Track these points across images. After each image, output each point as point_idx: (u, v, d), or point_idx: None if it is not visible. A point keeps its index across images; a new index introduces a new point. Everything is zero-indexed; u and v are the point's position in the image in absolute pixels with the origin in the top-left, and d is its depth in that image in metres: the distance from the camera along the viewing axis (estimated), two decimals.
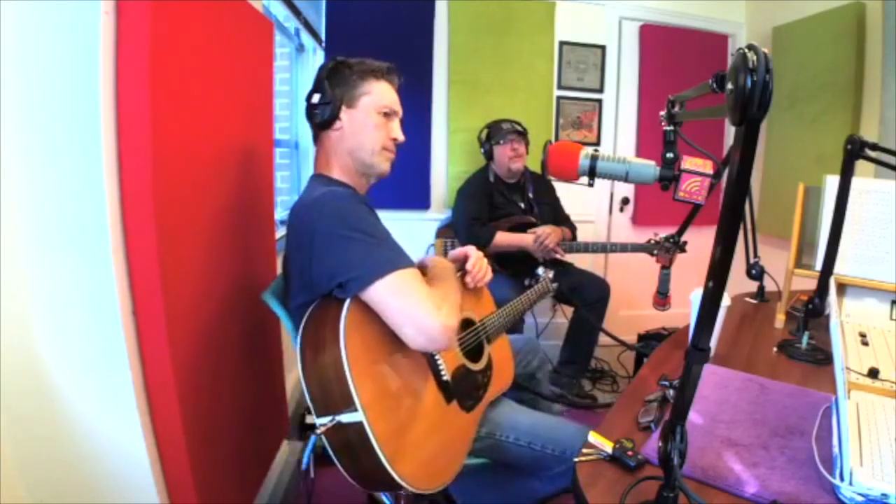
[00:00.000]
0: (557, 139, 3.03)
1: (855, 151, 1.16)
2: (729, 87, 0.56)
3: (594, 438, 0.86)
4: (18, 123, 0.80)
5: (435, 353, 1.04)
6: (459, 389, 1.08)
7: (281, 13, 2.16)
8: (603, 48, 3.04)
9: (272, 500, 1.55)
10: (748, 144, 0.55)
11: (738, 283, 1.35)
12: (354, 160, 1.11)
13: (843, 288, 1.37)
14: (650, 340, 2.43)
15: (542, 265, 1.56)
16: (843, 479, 0.72)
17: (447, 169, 2.89)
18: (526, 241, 2.28)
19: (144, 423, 0.92)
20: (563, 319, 2.70)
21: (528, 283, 2.33)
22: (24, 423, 0.86)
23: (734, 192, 0.58)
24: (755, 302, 1.71)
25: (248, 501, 1.35)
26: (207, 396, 1.10)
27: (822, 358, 1.22)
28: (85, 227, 0.84)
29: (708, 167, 0.85)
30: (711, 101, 0.71)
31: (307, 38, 2.48)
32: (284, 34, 2.28)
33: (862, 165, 1.18)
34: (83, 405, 0.89)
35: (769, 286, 1.73)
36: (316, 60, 2.58)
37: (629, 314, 3.08)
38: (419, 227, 2.75)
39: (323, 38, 2.59)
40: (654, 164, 0.89)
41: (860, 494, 0.70)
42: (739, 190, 0.58)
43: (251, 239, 1.37)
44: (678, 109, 0.93)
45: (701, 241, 1.53)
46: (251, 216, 1.37)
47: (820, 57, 2.61)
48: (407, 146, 1.17)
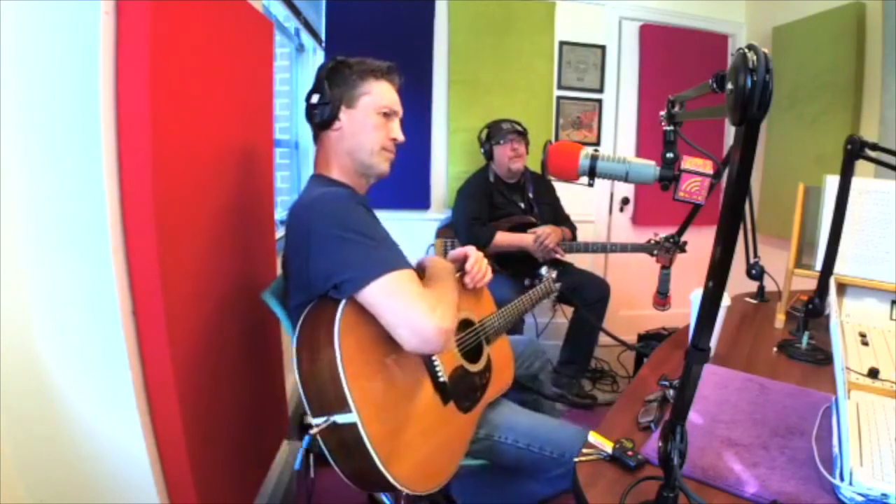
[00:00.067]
0: (557, 139, 3.03)
1: (855, 151, 1.16)
2: (729, 87, 0.56)
3: (594, 438, 0.86)
4: (18, 123, 0.80)
5: (430, 354, 1.03)
6: (457, 391, 1.07)
7: (281, 13, 2.16)
8: (603, 48, 3.04)
9: (272, 500, 1.55)
10: (748, 144, 0.55)
11: (738, 283, 1.35)
12: (353, 160, 1.10)
13: (843, 288, 1.37)
14: (650, 340, 2.42)
15: (545, 265, 1.55)
16: (843, 479, 0.72)
17: (447, 169, 2.89)
18: (526, 241, 2.28)
19: (144, 423, 0.93)
20: (563, 319, 2.70)
21: (527, 283, 2.36)
22: (24, 423, 0.86)
23: (734, 192, 0.58)
24: (755, 302, 1.71)
25: (248, 501, 1.35)
26: (207, 396, 1.10)
27: (822, 358, 1.22)
28: (85, 227, 0.84)
29: (708, 167, 0.85)
30: (711, 101, 0.71)
31: (307, 38, 2.48)
32: (284, 34, 2.28)
33: (862, 165, 1.18)
34: (83, 405, 0.89)
35: (769, 286, 1.73)
36: (316, 60, 2.58)
37: (629, 314, 3.08)
38: (419, 227, 2.75)
39: (323, 38, 2.59)
40: (654, 164, 0.89)
41: (860, 494, 0.70)
42: (739, 190, 0.58)
43: (251, 239, 1.37)
44: (678, 109, 0.93)
45: (701, 241, 1.53)
46: (251, 216, 1.37)
47: (820, 57, 2.61)
48: (407, 146, 1.17)
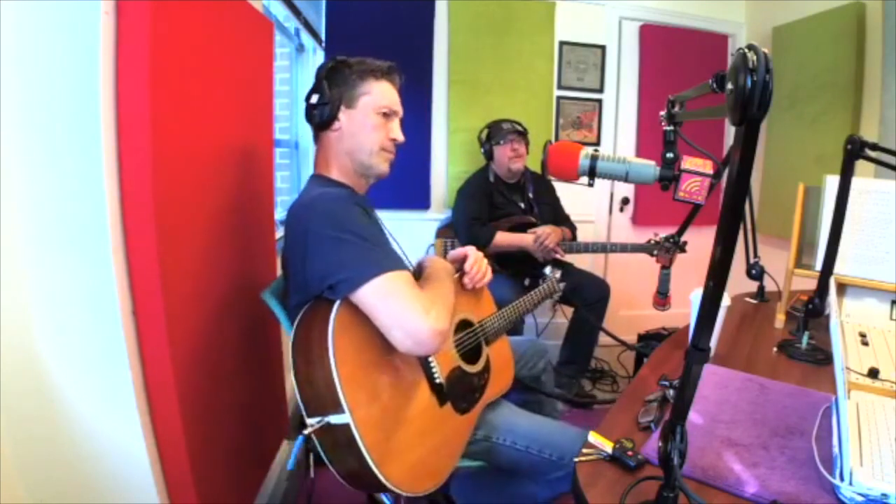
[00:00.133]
0: (557, 139, 3.03)
1: (855, 151, 1.16)
2: (729, 87, 0.56)
3: (594, 438, 0.86)
4: (18, 123, 0.80)
5: (424, 355, 1.02)
6: (454, 392, 1.07)
7: (281, 13, 2.16)
8: (603, 48, 3.04)
9: (272, 500, 1.55)
10: (748, 144, 0.55)
11: (738, 283, 1.35)
12: (353, 161, 1.10)
13: (843, 288, 1.37)
14: (650, 340, 2.43)
15: (549, 265, 1.54)
16: (843, 479, 0.72)
17: (447, 169, 2.89)
18: (526, 241, 2.28)
19: (144, 423, 0.93)
20: (563, 319, 2.70)
21: (528, 283, 2.36)
22: (24, 423, 0.86)
23: (734, 192, 0.58)
24: (755, 302, 1.71)
25: (248, 501, 1.35)
26: (207, 396, 1.10)
27: (822, 358, 1.22)
28: (85, 227, 0.84)
29: (708, 167, 0.85)
30: (711, 101, 0.71)
31: (307, 38, 2.48)
32: (284, 34, 2.28)
33: (862, 165, 1.18)
34: (83, 405, 0.89)
35: (769, 286, 1.73)
36: (316, 60, 2.58)
37: (629, 314, 3.08)
38: (419, 227, 2.75)
39: (323, 38, 2.59)
40: (654, 164, 0.89)
41: (860, 494, 0.70)
42: (739, 190, 0.58)
43: (251, 239, 1.37)
44: (678, 109, 0.93)
45: (701, 241, 1.53)
46: (251, 216, 1.37)
47: (820, 57, 2.61)
48: (407, 146, 1.17)
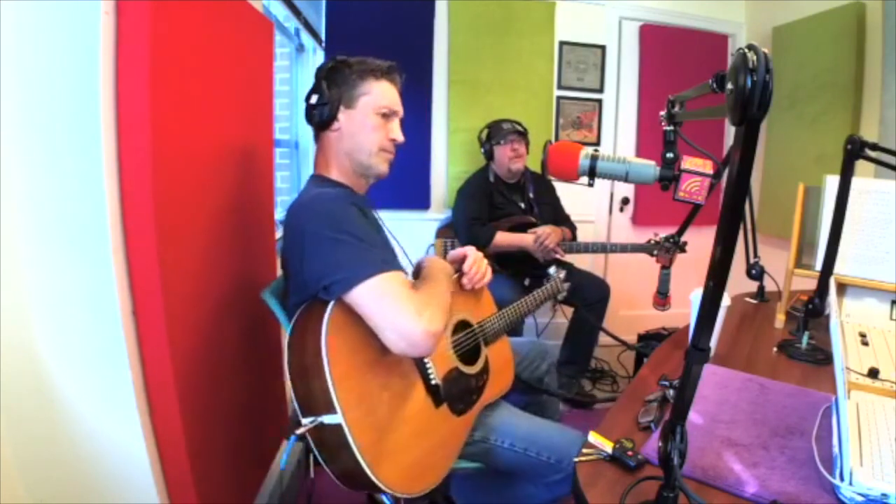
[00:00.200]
0: (557, 139, 3.03)
1: (855, 151, 1.16)
2: (729, 87, 0.56)
3: (594, 438, 0.86)
4: (18, 123, 0.80)
5: (418, 357, 1.01)
6: (450, 393, 1.07)
7: (281, 13, 2.16)
8: (603, 48, 3.04)
9: (272, 500, 1.55)
10: (748, 144, 0.55)
11: (738, 283, 1.35)
12: (352, 161, 1.10)
13: (843, 288, 1.37)
14: (650, 340, 2.43)
15: (553, 265, 1.52)
16: (843, 479, 0.72)
17: (447, 169, 2.89)
18: (526, 241, 2.28)
19: (144, 423, 0.93)
20: (563, 319, 2.70)
21: (528, 283, 2.36)
22: (24, 423, 0.86)
23: (734, 192, 0.58)
24: (755, 302, 1.71)
25: (248, 501, 1.36)
26: (207, 396, 1.10)
27: (822, 358, 1.22)
28: (85, 227, 0.84)
29: (708, 167, 0.85)
30: (711, 101, 0.71)
31: (307, 38, 2.48)
32: (284, 34, 2.28)
33: (862, 165, 1.18)
34: (83, 405, 0.89)
35: (769, 286, 1.73)
36: (316, 60, 2.58)
37: (629, 314, 3.08)
38: (419, 227, 2.75)
39: (323, 38, 2.59)
40: (654, 164, 0.89)
41: (860, 494, 0.70)
42: (739, 190, 0.58)
43: (251, 239, 1.37)
44: (678, 109, 0.93)
45: (701, 241, 1.53)
46: (251, 216, 1.37)
47: (820, 57, 2.61)
48: (407, 146, 1.17)
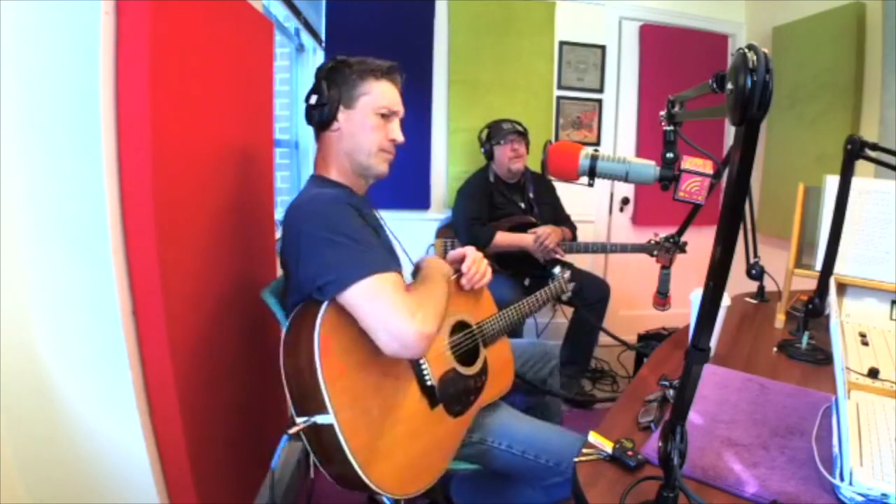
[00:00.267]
0: (557, 139, 3.03)
1: (855, 151, 1.15)
2: (729, 87, 0.56)
3: (594, 438, 0.86)
4: (18, 123, 0.80)
5: (411, 358, 1.00)
6: (447, 394, 1.06)
7: (281, 13, 2.16)
8: (603, 48, 3.04)
9: (272, 499, 1.55)
10: (748, 144, 0.55)
11: (738, 283, 1.35)
12: (351, 161, 1.10)
13: (843, 288, 1.37)
14: (650, 340, 2.43)
15: (558, 265, 1.50)
16: (843, 479, 0.72)
17: (447, 169, 2.89)
18: (526, 241, 2.28)
19: (144, 423, 0.93)
20: (563, 319, 2.70)
21: (528, 283, 2.36)
22: (24, 423, 0.86)
23: (734, 192, 0.58)
24: (755, 302, 1.71)
25: (248, 501, 1.36)
26: (207, 396, 1.10)
27: (822, 358, 1.22)
28: (85, 227, 0.84)
29: (708, 167, 0.85)
30: (711, 101, 0.71)
31: (307, 38, 2.48)
32: (284, 34, 2.29)
33: (862, 165, 1.18)
34: (83, 405, 0.89)
35: (769, 286, 1.73)
36: (316, 60, 2.58)
37: (629, 314, 3.08)
38: (419, 227, 2.75)
39: (323, 38, 2.59)
40: (654, 164, 0.89)
41: (860, 494, 0.70)
42: (739, 190, 0.58)
43: (251, 239, 1.37)
44: (678, 109, 0.93)
45: (701, 241, 1.53)
46: (251, 216, 1.37)
47: (820, 57, 2.61)
48: (407, 146, 1.16)
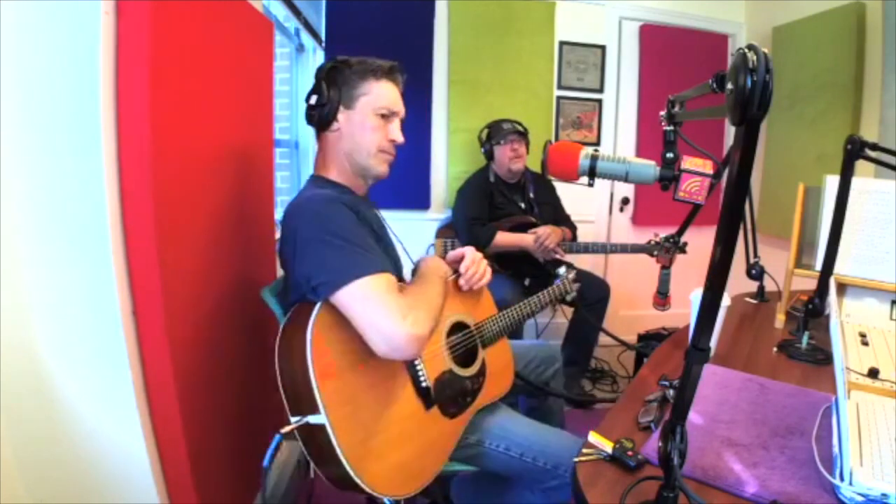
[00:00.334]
0: (557, 139, 3.03)
1: (855, 151, 1.16)
2: (729, 87, 0.56)
3: (594, 438, 0.86)
4: (18, 123, 0.80)
5: (402, 360, 1.00)
6: (443, 396, 1.05)
7: (281, 13, 2.16)
8: (603, 48, 3.04)
9: (272, 500, 1.55)
10: (748, 144, 0.55)
11: (738, 283, 1.35)
12: (351, 162, 1.10)
13: (843, 288, 1.37)
14: (650, 340, 2.43)
15: (564, 265, 1.48)
16: (843, 479, 0.72)
17: (447, 169, 2.89)
18: (526, 241, 2.28)
19: (144, 423, 0.93)
20: (563, 319, 2.70)
21: (528, 283, 2.35)
22: (24, 423, 0.86)
23: (734, 192, 0.58)
24: (755, 302, 1.71)
25: (248, 501, 1.36)
26: (207, 396, 1.10)
27: (822, 358, 1.22)
28: (85, 227, 0.84)
29: (708, 167, 0.85)
30: (711, 101, 0.71)
31: (307, 38, 2.48)
32: (284, 34, 2.29)
33: (862, 165, 1.18)
34: (83, 405, 0.89)
35: (769, 286, 1.73)
36: (316, 60, 2.58)
37: (629, 314, 3.08)
38: (419, 227, 2.75)
39: (323, 38, 2.59)
40: (654, 164, 0.89)
41: (860, 494, 0.70)
42: (739, 190, 0.58)
43: (251, 239, 1.37)
44: (678, 109, 0.93)
45: (701, 241, 1.53)
46: (251, 216, 1.37)
47: (820, 57, 2.61)
48: (407, 146, 1.16)
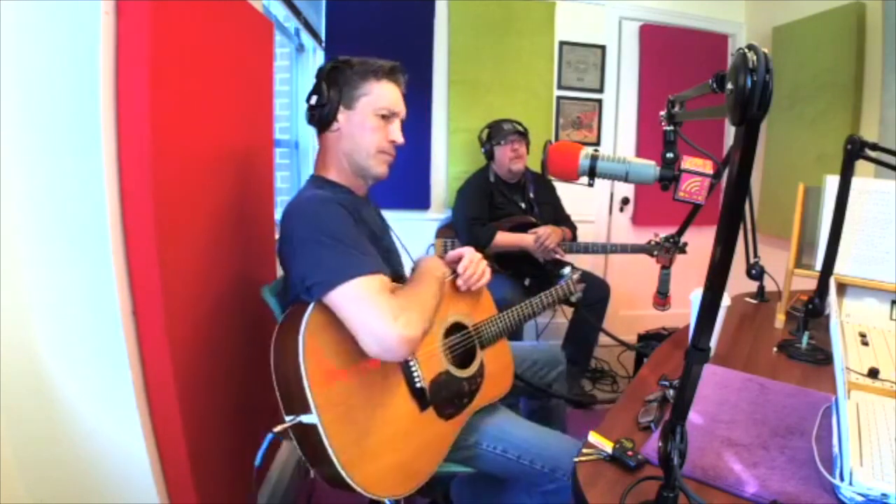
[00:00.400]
0: (557, 139, 3.03)
1: (855, 151, 1.16)
2: (729, 87, 0.56)
3: (594, 438, 0.86)
4: (18, 123, 0.80)
5: (394, 361, 0.99)
6: (438, 397, 1.05)
7: (281, 13, 2.16)
8: (603, 48, 3.04)
9: (272, 499, 1.55)
10: (748, 144, 0.55)
11: (738, 283, 1.35)
12: (350, 162, 1.10)
13: (843, 288, 1.37)
14: (650, 340, 2.42)
15: (569, 265, 1.46)
16: (843, 479, 0.72)
17: (447, 169, 2.89)
18: (526, 241, 2.28)
19: (144, 423, 0.93)
20: (563, 319, 2.70)
21: (528, 283, 2.35)
22: (24, 423, 0.86)
23: (734, 192, 0.58)
24: (755, 302, 1.71)
25: (248, 501, 1.35)
26: (207, 396, 1.10)
27: (822, 358, 1.22)
28: (85, 227, 0.84)
29: (708, 167, 0.85)
30: (711, 101, 0.71)
31: (307, 38, 2.48)
32: (284, 34, 2.28)
33: (862, 165, 1.18)
34: (83, 405, 0.89)
35: (769, 286, 1.73)
36: (316, 60, 2.58)
37: (629, 314, 3.08)
38: (419, 227, 2.75)
39: (323, 38, 2.59)
40: (654, 164, 0.89)
41: (860, 494, 0.70)
42: (739, 190, 0.58)
43: (251, 239, 1.37)
44: (678, 109, 0.93)
45: (701, 241, 1.53)
46: (251, 216, 1.37)
47: (820, 57, 2.61)
48: (407, 146, 1.16)
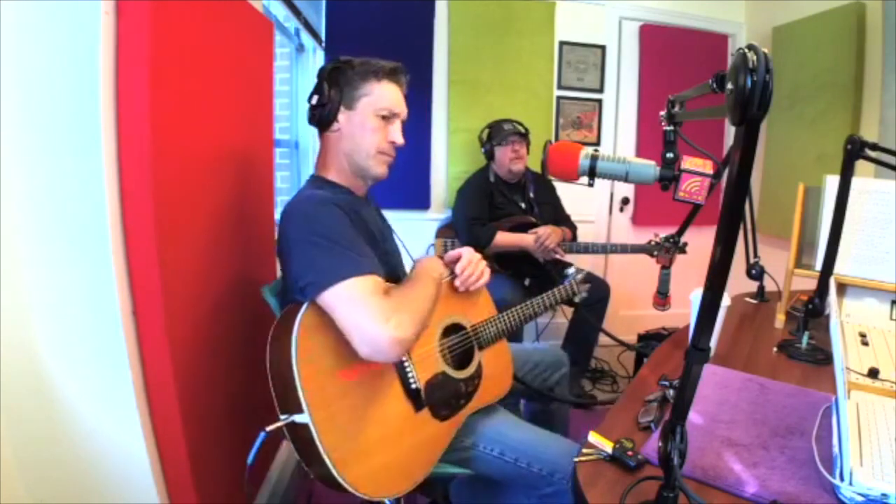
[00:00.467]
0: (557, 139, 3.03)
1: (855, 151, 1.16)
2: (729, 87, 0.56)
3: (594, 438, 0.86)
4: (18, 123, 0.80)
5: (385, 362, 0.98)
6: (434, 398, 1.04)
7: (281, 13, 2.16)
8: (603, 48, 3.04)
9: (272, 499, 1.55)
10: (748, 144, 0.55)
11: (738, 283, 1.35)
12: (350, 162, 1.10)
13: (843, 288, 1.37)
14: (650, 340, 2.42)
15: (571, 265, 1.45)
16: (843, 479, 0.72)
17: (447, 169, 2.89)
18: (526, 241, 2.28)
19: (144, 423, 0.93)
20: (563, 319, 2.70)
21: (528, 283, 2.35)
22: (24, 423, 0.86)
23: (734, 192, 0.58)
24: (755, 302, 1.71)
25: (247, 501, 1.35)
26: (207, 396, 1.10)
27: (822, 358, 1.22)
28: (85, 227, 0.84)
29: (708, 167, 0.85)
30: (711, 101, 0.71)
31: (307, 38, 2.48)
32: (284, 34, 2.28)
33: (862, 165, 1.18)
34: (83, 405, 0.89)
35: (769, 286, 1.73)
36: (316, 60, 2.58)
37: (629, 314, 3.08)
38: (419, 227, 2.75)
39: (323, 38, 2.59)
40: (654, 164, 0.89)
41: (860, 494, 0.70)
42: (739, 190, 0.58)
43: (251, 239, 1.37)
44: (678, 109, 0.93)
45: (701, 241, 1.53)
46: (251, 216, 1.37)
47: (820, 57, 2.61)
48: (407, 146, 1.16)
